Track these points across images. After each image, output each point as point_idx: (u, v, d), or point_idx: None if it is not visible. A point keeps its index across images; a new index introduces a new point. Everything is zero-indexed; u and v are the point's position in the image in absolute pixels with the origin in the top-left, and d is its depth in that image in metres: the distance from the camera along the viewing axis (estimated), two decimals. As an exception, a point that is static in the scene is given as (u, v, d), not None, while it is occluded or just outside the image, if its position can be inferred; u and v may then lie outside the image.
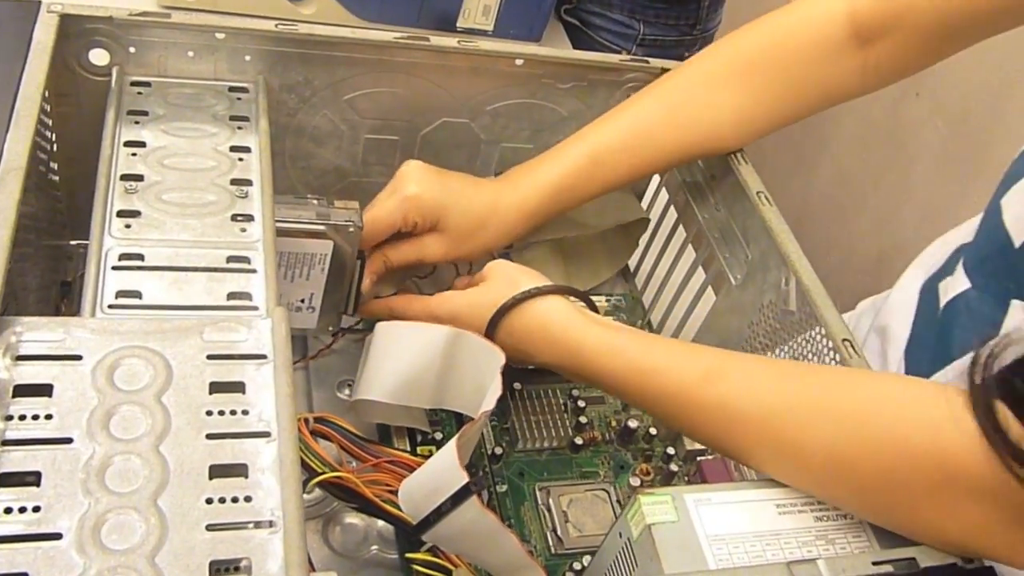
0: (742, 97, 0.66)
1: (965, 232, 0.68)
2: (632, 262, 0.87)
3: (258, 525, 0.40)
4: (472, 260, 0.71)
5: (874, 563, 0.46)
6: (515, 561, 0.52)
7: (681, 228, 0.79)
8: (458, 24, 1.06)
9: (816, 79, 0.66)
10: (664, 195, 0.82)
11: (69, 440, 0.41)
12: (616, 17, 1.24)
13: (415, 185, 0.65)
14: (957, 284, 0.63)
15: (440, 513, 0.51)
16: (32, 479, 0.40)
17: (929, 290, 0.68)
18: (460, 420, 0.68)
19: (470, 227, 0.67)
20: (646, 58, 0.74)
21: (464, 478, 0.49)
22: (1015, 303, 0.57)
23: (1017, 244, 0.57)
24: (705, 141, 0.69)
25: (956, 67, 1.35)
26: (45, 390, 0.42)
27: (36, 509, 0.39)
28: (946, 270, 0.67)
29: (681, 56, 0.75)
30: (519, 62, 0.71)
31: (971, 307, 0.61)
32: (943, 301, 0.64)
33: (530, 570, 0.53)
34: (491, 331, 0.61)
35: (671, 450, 0.71)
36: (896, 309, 0.72)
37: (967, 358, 0.59)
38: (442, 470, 0.51)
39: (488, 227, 0.67)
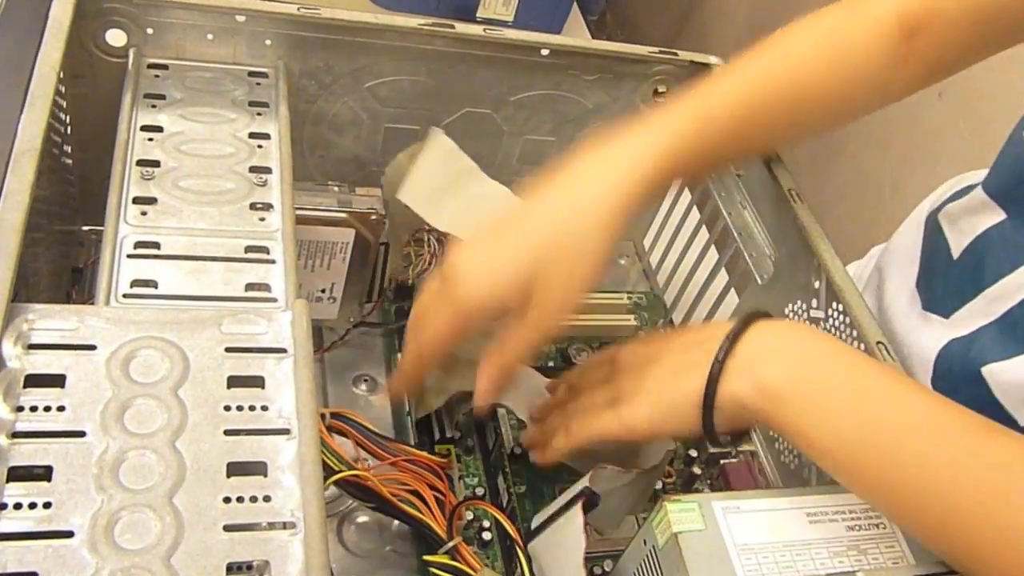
0: (826, 92, 0.62)
1: (972, 177, 0.67)
2: (654, 259, 0.85)
3: (277, 526, 0.39)
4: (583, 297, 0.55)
5: (915, 577, 0.44)
6: None
7: (704, 227, 0.78)
8: (478, 14, 1.04)
9: (869, 79, 0.62)
10: (687, 193, 0.80)
11: (82, 433, 0.40)
12: None
13: (465, 285, 0.52)
14: (992, 215, 0.61)
15: None
16: (43, 473, 0.38)
17: (931, 222, 0.68)
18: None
19: (566, 261, 0.52)
20: (674, 50, 0.73)
21: None
22: None
23: None
24: (794, 134, 0.64)
25: (981, 69, 1.33)
26: (58, 380, 0.41)
27: (47, 505, 0.37)
28: (950, 200, 0.66)
29: None
30: (545, 52, 0.70)
31: (1005, 236, 0.60)
32: (975, 233, 0.62)
33: None
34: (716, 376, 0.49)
35: (693, 452, 0.69)
36: (899, 247, 0.71)
37: (999, 284, 0.58)
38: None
39: (580, 261, 0.52)
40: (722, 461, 0.68)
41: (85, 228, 0.69)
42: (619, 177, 0.53)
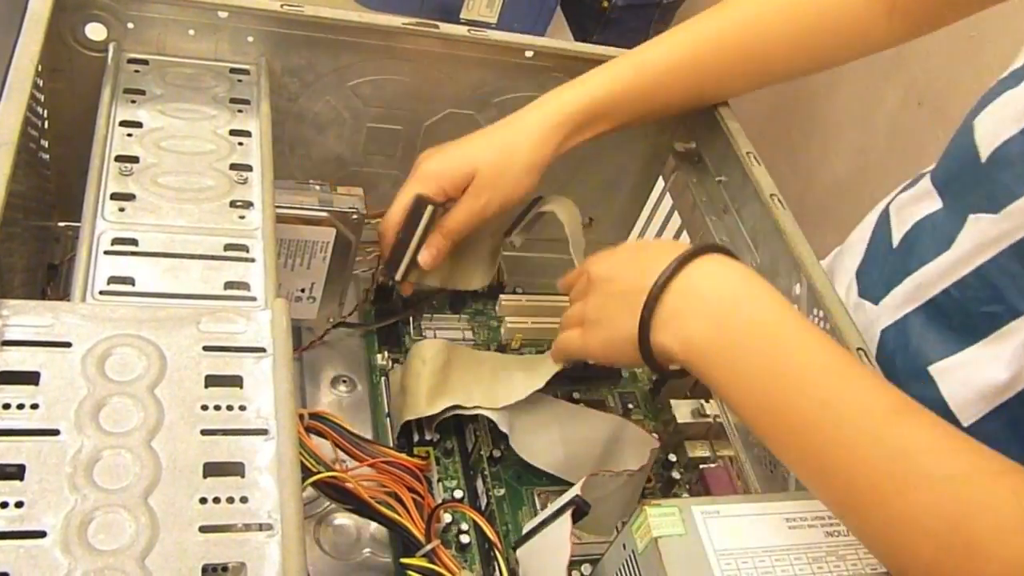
0: (787, 34, 0.66)
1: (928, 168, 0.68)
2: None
3: (254, 527, 0.38)
4: (517, 199, 0.66)
5: (894, 584, 0.44)
6: None
7: (686, 231, 0.78)
8: (462, 15, 1.04)
9: (847, 23, 0.66)
10: (669, 198, 0.80)
11: (56, 432, 0.39)
12: None
13: (428, 163, 0.63)
14: (930, 204, 0.62)
15: None
16: (15, 472, 0.37)
17: (883, 214, 0.69)
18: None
19: (499, 164, 0.63)
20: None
21: None
22: (971, 217, 0.57)
23: (984, 158, 0.56)
24: (749, 73, 0.68)
25: (959, 77, 1.34)
26: (31, 378, 0.40)
27: (19, 505, 0.36)
28: (904, 192, 0.68)
29: None
30: (529, 54, 0.69)
31: (936, 224, 0.61)
32: (912, 221, 0.64)
33: None
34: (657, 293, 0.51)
35: (672, 457, 0.69)
36: (852, 241, 0.72)
37: (924, 270, 0.59)
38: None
39: (515, 154, 0.64)
40: (701, 466, 0.68)
41: (61, 224, 0.68)
42: (560, 108, 0.64)
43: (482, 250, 0.72)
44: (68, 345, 0.42)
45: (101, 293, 0.47)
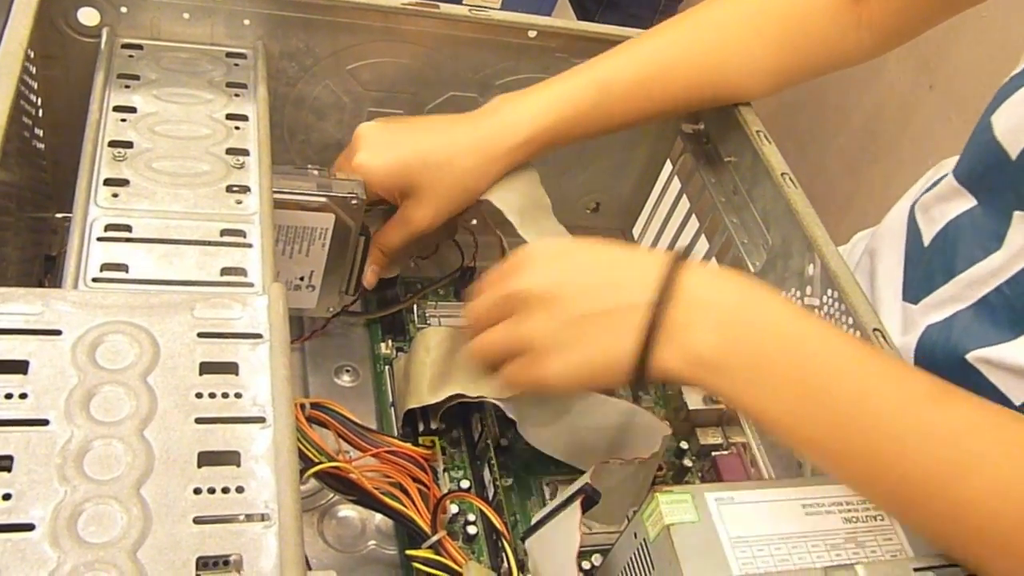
0: (752, 46, 0.65)
1: (950, 164, 0.67)
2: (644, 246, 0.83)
3: (251, 518, 0.37)
4: (463, 210, 0.64)
5: (916, 569, 0.43)
6: None
7: (694, 215, 0.76)
8: (464, 0, 1.02)
9: (814, 34, 0.65)
10: (677, 181, 0.79)
11: (45, 422, 0.38)
12: None
13: (363, 154, 0.60)
14: (962, 202, 0.60)
15: None
16: (3, 464, 0.36)
17: (911, 213, 0.68)
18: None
19: (445, 179, 0.61)
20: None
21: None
22: (1017, 214, 0.55)
23: (1014, 156, 0.55)
24: (716, 85, 0.67)
25: (971, 60, 1.32)
26: (20, 367, 0.39)
27: (6, 497, 0.35)
28: (928, 191, 0.66)
29: None
30: (532, 34, 0.68)
31: (976, 222, 0.59)
32: (945, 220, 0.62)
33: None
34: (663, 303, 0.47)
35: (684, 444, 0.67)
36: (887, 232, 0.71)
37: (972, 270, 0.58)
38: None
39: (466, 171, 0.61)
40: (714, 454, 0.67)
41: (59, 215, 0.67)
42: (516, 129, 0.61)
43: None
44: (58, 333, 0.40)
45: (94, 280, 0.45)
